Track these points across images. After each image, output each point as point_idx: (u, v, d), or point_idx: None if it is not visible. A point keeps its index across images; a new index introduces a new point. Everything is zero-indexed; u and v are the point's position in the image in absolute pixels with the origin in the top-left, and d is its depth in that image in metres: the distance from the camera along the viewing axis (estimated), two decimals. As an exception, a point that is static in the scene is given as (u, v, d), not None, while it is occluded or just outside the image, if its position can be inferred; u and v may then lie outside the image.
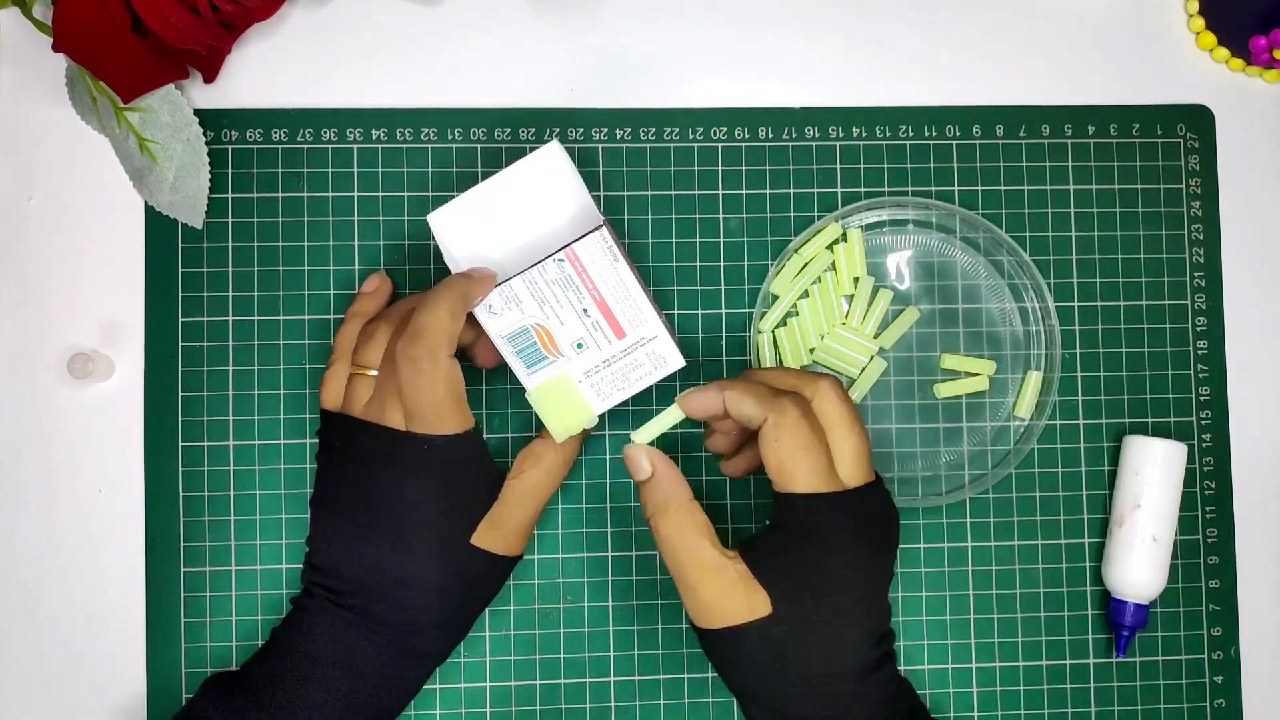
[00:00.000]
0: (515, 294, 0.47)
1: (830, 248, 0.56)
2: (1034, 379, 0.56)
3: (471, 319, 0.48)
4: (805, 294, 0.56)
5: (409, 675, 0.48)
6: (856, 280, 0.56)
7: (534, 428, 0.55)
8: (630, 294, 0.47)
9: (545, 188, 0.49)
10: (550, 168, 0.49)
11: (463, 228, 0.49)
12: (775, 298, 0.56)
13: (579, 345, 0.48)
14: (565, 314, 0.47)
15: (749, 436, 0.50)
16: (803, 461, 0.44)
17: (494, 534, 0.48)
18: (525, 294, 0.47)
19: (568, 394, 0.48)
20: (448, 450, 0.46)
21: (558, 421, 0.49)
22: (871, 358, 0.56)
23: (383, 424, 0.47)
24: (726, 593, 0.44)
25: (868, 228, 0.57)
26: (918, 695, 0.48)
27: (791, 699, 0.44)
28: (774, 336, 0.56)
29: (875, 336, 0.56)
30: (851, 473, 0.45)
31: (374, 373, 0.48)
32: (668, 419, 0.48)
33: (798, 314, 0.56)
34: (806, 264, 0.56)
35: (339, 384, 0.50)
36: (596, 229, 0.46)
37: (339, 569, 0.47)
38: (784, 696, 0.44)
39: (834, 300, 0.56)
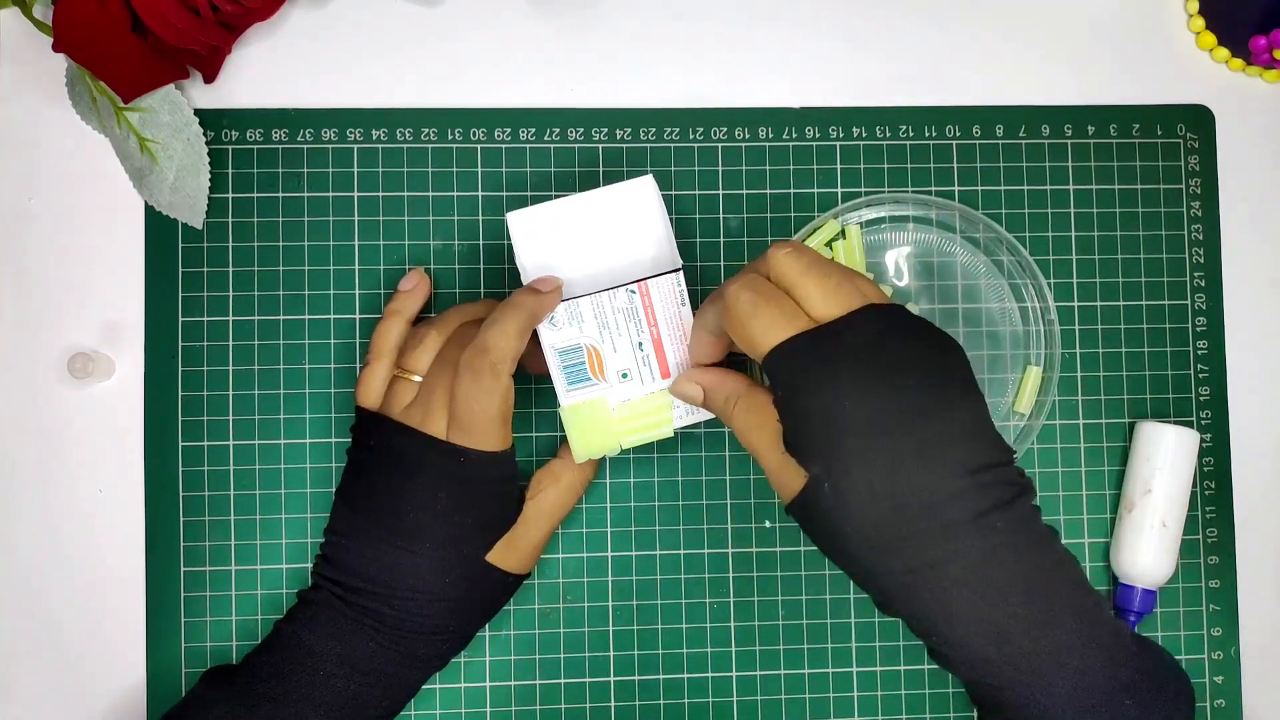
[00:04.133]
0: (580, 312, 0.48)
1: (830, 244, 0.56)
2: (1033, 375, 0.56)
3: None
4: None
5: (408, 677, 0.48)
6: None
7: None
8: (687, 340, 0.49)
9: (628, 216, 0.50)
10: (639, 199, 0.49)
11: (538, 234, 0.49)
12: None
13: (624, 375, 0.49)
14: (620, 343, 0.48)
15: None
16: (757, 318, 0.42)
17: (508, 553, 0.48)
18: (589, 314, 0.48)
19: (599, 418, 0.49)
20: (484, 466, 0.47)
21: (583, 443, 0.49)
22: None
23: (424, 430, 0.47)
24: (786, 465, 0.43)
25: (867, 225, 0.57)
26: (1059, 545, 0.42)
27: (878, 549, 0.40)
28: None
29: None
30: (825, 310, 0.42)
31: (418, 378, 0.49)
32: (647, 394, 0.49)
33: None
34: None
35: (379, 383, 0.50)
36: (675, 271, 0.48)
37: (355, 566, 0.47)
38: (871, 551, 0.40)
39: None
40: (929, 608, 0.40)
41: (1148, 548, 0.54)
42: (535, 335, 0.48)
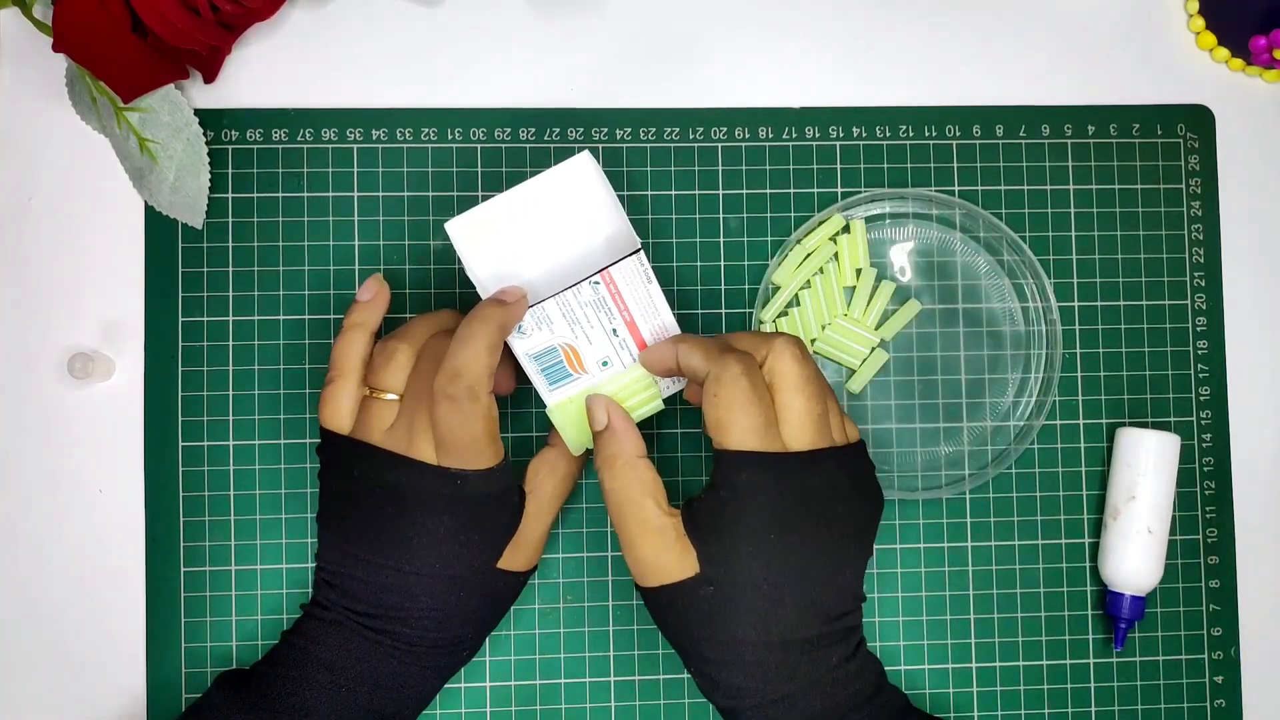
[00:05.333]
0: (547, 315, 0.47)
1: (834, 239, 0.56)
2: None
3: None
4: (807, 285, 0.56)
5: (429, 688, 0.48)
6: (859, 271, 0.56)
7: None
8: (659, 314, 0.48)
9: (573, 200, 0.47)
10: (580, 179, 0.47)
11: (484, 239, 0.47)
12: (777, 288, 0.56)
13: (604, 363, 0.48)
14: (594, 334, 0.47)
15: None
16: (738, 417, 0.43)
17: (516, 553, 0.48)
18: (557, 315, 0.47)
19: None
20: (480, 483, 0.45)
21: (576, 436, 0.49)
22: (873, 349, 0.56)
23: (412, 456, 0.45)
24: (661, 551, 0.44)
25: (869, 221, 0.57)
26: (884, 686, 0.46)
27: (718, 664, 0.44)
28: (775, 326, 0.56)
29: (876, 328, 0.56)
30: (797, 436, 0.43)
31: (392, 396, 0.46)
32: (629, 374, 0.48)
33: (799, 304, 0.56)
34: (809, 255, 0.56)
35: (347, 402, 0.47)
36: (634, 253, 0.46)
37: (367, 595, 0.46)
38: (711, 661, 0.44)
39: (836, 291, 0.56)
40: (743, 708, 0.44)
41: (1134, 555, 0.54)
42: (515, 353, 0.47)
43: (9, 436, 0.54)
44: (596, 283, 0.46)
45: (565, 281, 0.47)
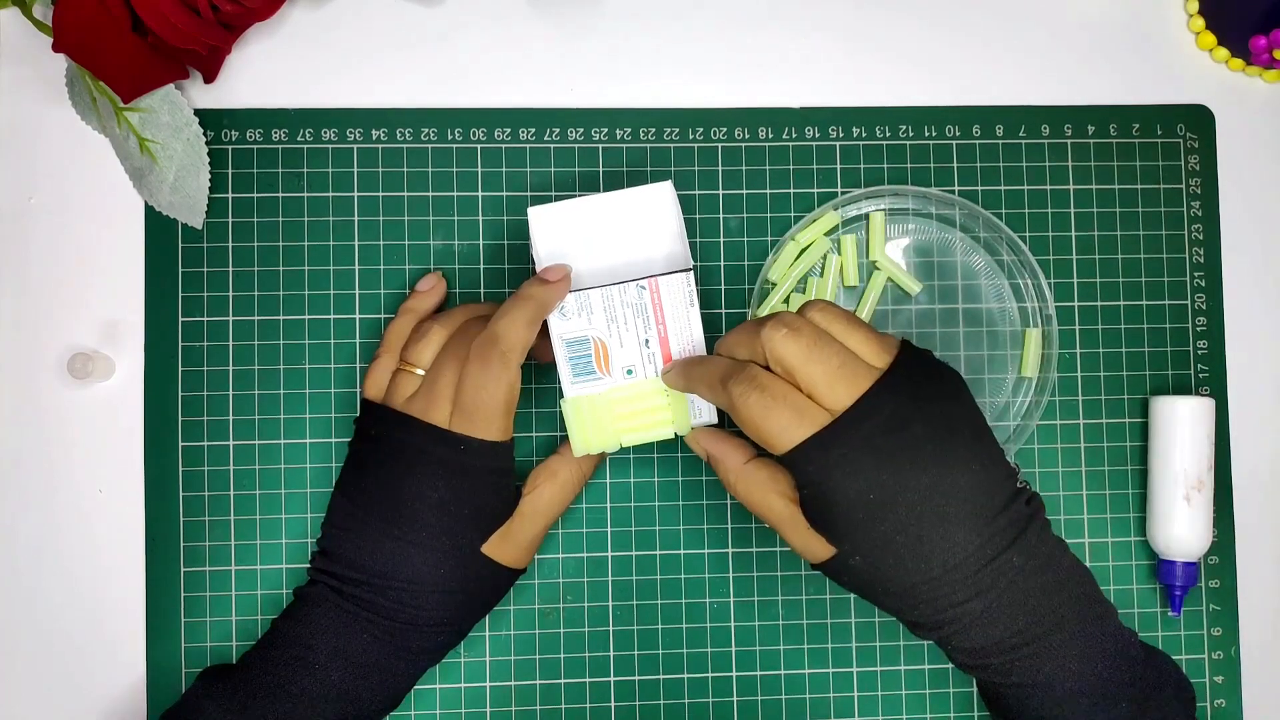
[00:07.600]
0: (590, 303, 0.49)
1: (833, 236, 0.56)
2: (1033, 338, 0.56)
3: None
4: (804, 282, 0.56)
5: (402, 671, 0.48)
6: (875, 263, 0.56)
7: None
8: (693, 340, 0.49)
9: (645, 218, 0.50)
10: (656, 203, 0.50)
11: (556, 229, 0.50)
12: (772, 285, 0.56)
13: (629, 371, 0.49)
14: (628, 338, 0.49)
15: None
16: (773, 418, 0.43)
17: (504, 546, 0.49)
18: (599, 306, 0.49)
19: (600, 414, 0.49)
20: (482, 455, 0.47)
21: (582, 437, 0.49)
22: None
23: (425, 420, 0.47)
24: (804, 537, 0.45)
25: (868, 220, 0.57)
26: (1075, 565, 0.45)
27: (904, 609, 0.44)
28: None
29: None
30: (834, 399, 0.42)
31: (420, 371, 0.49)
32: (648, 389, 0.50)
33: (788, 303, 0.56)
34: (804, 250, 0.56)
35: (384, 376, 0.51)
36: (685, 271, 0.49)
37: (351, 557, 0.48)
38: (896, 609, 0.45)
39: (830, 288, 0.56)
40: (948, 634, 0.44)
41: (1179, 521, 0.55)
42: (544, 328, 0.49)
43: (9, 436, 0.54)
44: (642, 287, 0.49)
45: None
